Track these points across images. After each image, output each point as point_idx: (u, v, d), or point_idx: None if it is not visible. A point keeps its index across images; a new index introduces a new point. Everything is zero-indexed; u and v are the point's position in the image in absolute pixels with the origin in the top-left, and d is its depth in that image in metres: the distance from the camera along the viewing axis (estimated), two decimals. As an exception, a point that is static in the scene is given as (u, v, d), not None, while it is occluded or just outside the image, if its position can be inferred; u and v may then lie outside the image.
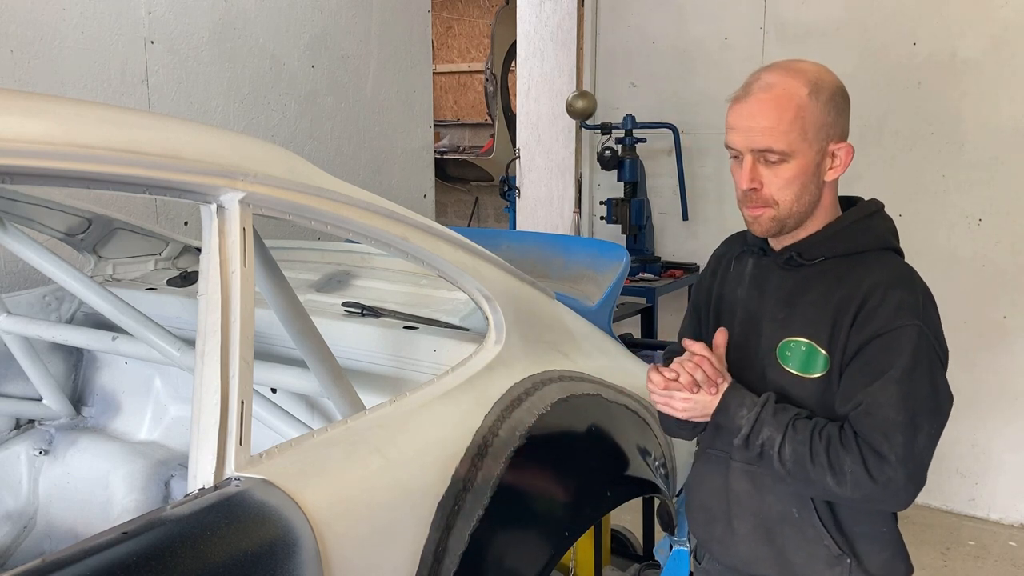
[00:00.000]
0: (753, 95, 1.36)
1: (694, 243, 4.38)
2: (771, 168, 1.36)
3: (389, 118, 3.82)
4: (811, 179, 1.38)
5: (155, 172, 1.18)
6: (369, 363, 1.90)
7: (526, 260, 2.29)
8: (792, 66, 1.39)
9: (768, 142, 1.34)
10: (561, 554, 1.73)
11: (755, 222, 1.42)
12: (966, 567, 3.42)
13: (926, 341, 1.34)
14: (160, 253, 2.48)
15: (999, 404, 3.69)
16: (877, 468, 1.30)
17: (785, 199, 1.38)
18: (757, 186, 1.37)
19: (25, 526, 2.18)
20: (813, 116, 1.35)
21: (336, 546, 1.19)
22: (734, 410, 1.41)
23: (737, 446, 1.43)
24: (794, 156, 1.35)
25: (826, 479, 1.33)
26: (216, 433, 1.15)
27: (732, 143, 1.39)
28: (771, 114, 1.34)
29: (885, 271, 1.39)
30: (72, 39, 2.61)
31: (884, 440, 1.30)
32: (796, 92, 1.35)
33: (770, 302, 1.47)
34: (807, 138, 1.35)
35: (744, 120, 1.37)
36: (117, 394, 2.38)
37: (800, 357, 1.42)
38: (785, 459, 1.36)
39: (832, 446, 1.33)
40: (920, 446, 1.32)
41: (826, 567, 1.45)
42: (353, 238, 1.52)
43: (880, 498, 1.33)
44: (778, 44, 4.02)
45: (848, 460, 1.32)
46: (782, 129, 1.33)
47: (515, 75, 6.40)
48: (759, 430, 1.38)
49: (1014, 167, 3.55)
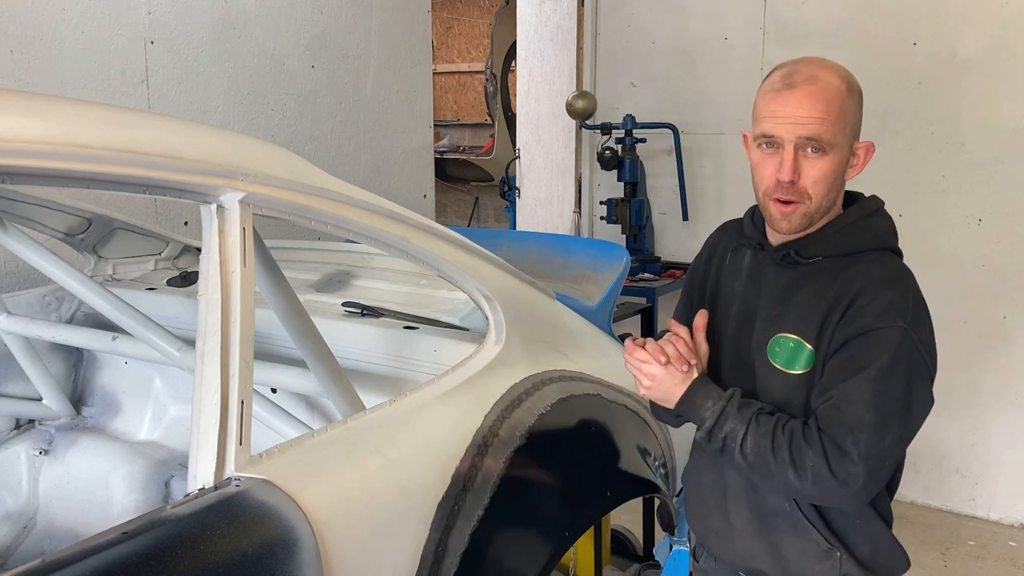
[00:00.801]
0: (800, 86, 1.35)
1: (694, 243, 4.35)
2: (809, 160, 1.36)
3: (389, 118, 3.82)
4: (840, 175, 1.40)
5: (155, 172, 1.18)
6: (369, 363, 1.90)
7: (526, 260, 2.29)
8: (825, 62, 1.40)
9: (818, 131, 1.33)
10: (561, 554, 1.73)
11: (785, 219, 1.40)
12: (966, 567, 3.42)
13: (909, 344, 1.33)
14: (160, 253, 2.48)
15: (999, 404, 3.69)
16: (838, 464, 1.31)
17: (818, 193, 1.37)
18: (796, 177, 1.36)
19: (25, 526, 2.18)
20: (850, 112, 1.37)
21: (336, 546, 1.19)
22: (699, 401, 1.42)
23: (702, 436, 1.44)
24: (833, 149, 1.35)
25: (787, 473, 1.33)
26: (216, 433, 1.15)
27: (773, 130, 1.36)
28: (821, 105, 1.33)
29: (879, 271, 1.39)
30: (72, 39, 2.61)
31: (849, 436, 1.30)
32: (838, 86, 1.36)
33: (765, 298, 1.48)
34: (845, 133, 1.37)
35: (792, 109, 1.34)
36: (117, 394, 2.38)
37: (787, 353, 1.42)
38: (747, 452, 1.37)
39: (795, 440, 1.34)
40: (885, 447, 1.31)
41: (817, 561, 1.45)
42: (353, 238, 1.52)
43: (837, 494, 1.33)
44: (778, 44, 4.02)
45: (810, 454, 1.32)
46: (831, 120, 1.34)
47: (515, 75, 6.40)
48: (723, 423, 1.39)
49: (1014, 167, 3.55)
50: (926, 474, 3.86)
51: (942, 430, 3.78)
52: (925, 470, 3.85)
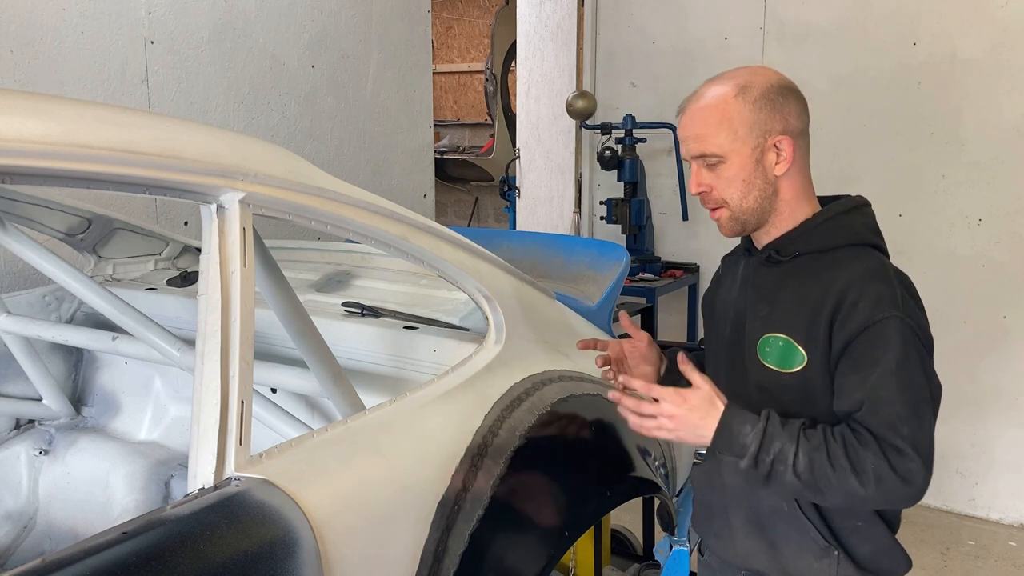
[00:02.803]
0: (686, 109, 1.47)
1: (694, 243, 4.38)
2: (713, 171, 1.44)
3: (389, 118, 3.82)
4: (754, 175, 1.42)
5: (155, 172, 1.17)
6: (369, 363, 1.90)
7: (526, 260, 2.29)
8: (725, 74, 1.46)
9: (701, 148, 1.43)
10: (561, 554, 1.73)
11: (718, 223, 1.49)
12: (966, 567, 3.42)
13: (910, 330, 1.34)
14: (160, 253, 2.48)
15: (999, 404, 3.69)
16: (898, 461, 1.29)
17: (732, 197, 1.44)
18: (706, 189, 1.45)
19: (25, 526, 2.18)
20: (741, 115, 1.40)
21: (336, 546, 1.19)
22: (737, 428, 1.34)
23: (744, 469, 1.34)
24: (728, 156, 1.41)
25: (849, 481, 1.29)
26: (216, 433, 1.15)
27: (683, 154, 1.50)
28: (698, 120, 1.43)
29: (859, 267, 1.39)
30: (72, 39, 2.61)
31: (896, 434, 1.30)
32: (721, 96, 1.42)
33: (754, 299, 1.50)
34: (738, 137, 1.40)
35: (682, 131, 1.47)
36: (117, 394, 2.38)
37: (778, 352, 1.43)
38: (800, 470, 1.31)
39: (849, 445, 1.31)
40: (926, 433, 1.32)
41: (815, 560, 1.46)
42: (353, 238, 1.52)
43: (900, 493, 1.31)
44: (778, 44, 4.02)
45: (870, 456, 1.29)
46: (710, 133, 1.41)
47: (515, 75, 6.40)
48: (768, 445, 1.32)
49: (1014, 167, 3.56)
50: (926, 474, 3.85)
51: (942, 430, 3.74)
52: (925, 470, 3.85)
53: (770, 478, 1.33)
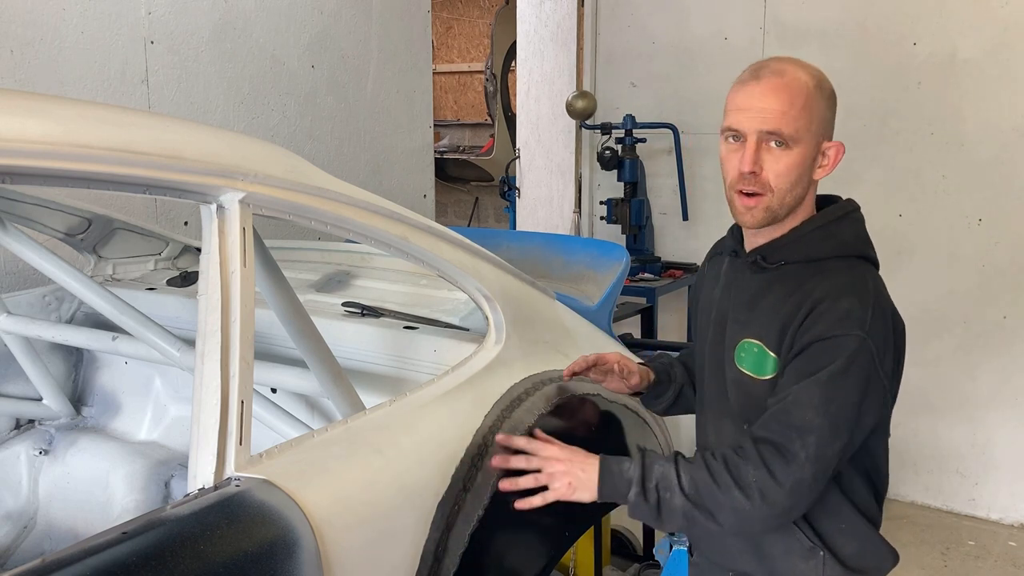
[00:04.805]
0: (765, 78, 1.36)
1: (694, 243, 4.38)
2: (772, 153, 1.36)
3: (389, 118, 3.82)
4: (806, 172, 1.39)
5: (155, 172, 1.18)
6: (369, 363, 1.90)
7: (526, 260, 2.29)
8: (797, 60, 1.41)
9: (779, 124, 1.34)
10: (561, 554, 1.73)
11: (747, 212, 1.40)
12: (966, 567, 3.42)
13: (867, 353, 1.31)
14: (160, 253, 2.48)
15: (999, 404, 3.69)
16: (783, 471, 1.29)
17: (781, 187, 1.37)
18: (758, 169, 1.36)
19: (25, 526, 2.18)
20: (818, 108, 1.37)
21: (336, 546, 1.19)
22: (616, 466, 1.38)
23: (633, 503, 1.37)
24: (798, 144, 1.35)
25: (734, 496, 1.30)
26: (216, 433, 1.15)
27: (736, 124, 1.37)
28: (784, 98, 1.34)
29: (839, 280, 1.37)
30: (72, 39, 2.61)
31: (798, 439, 1.29)
32: (806, 82, 1.36)
33: (735, 303, 1.48)
34: (811, 128, 1.36)
35: (755, 101, 1.35)
36: (117, 394, 2.38)
37: (752, 358, 1.42)
38: (687, 490, 1.33)
39: (729, 461, 1.32)
40: (834, 451, 1.30)
41: (801, 560, 1.45)
42: (353, 238, 1.52)
43: (786, 506, 1.31)
44: (778, 44, 4.02)
45: (750, 470, 1.30)
46: (793, 114, 1.34)
47: (515, 75, 6.40)
48: (650, 472, 1.36)
49: (1014, 167, 3.55)
50: (926, 474, 3.86)
51: (942, 430, 3.79)
52: (925, 470, 3.86)
53: (660, 507, 1.35)
